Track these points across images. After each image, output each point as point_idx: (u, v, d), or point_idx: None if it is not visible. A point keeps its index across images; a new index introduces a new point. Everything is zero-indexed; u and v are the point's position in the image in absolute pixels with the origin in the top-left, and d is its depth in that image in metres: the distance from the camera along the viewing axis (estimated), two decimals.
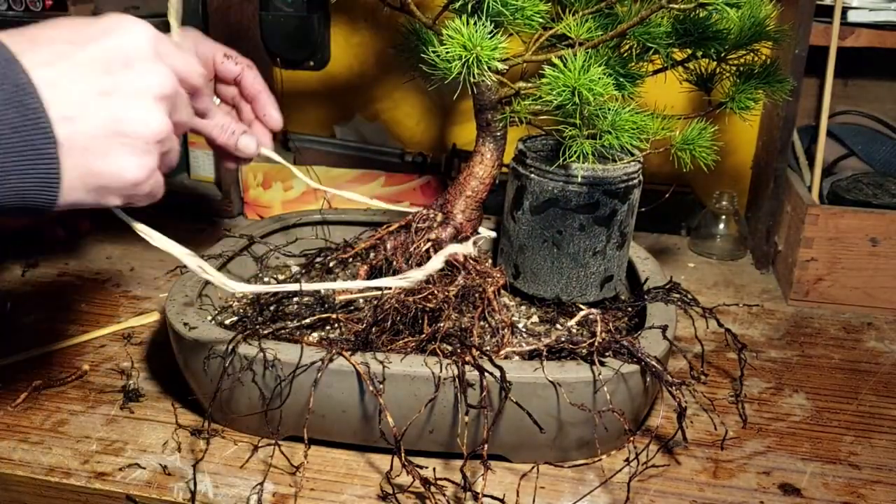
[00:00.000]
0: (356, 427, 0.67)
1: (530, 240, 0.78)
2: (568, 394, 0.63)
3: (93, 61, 0.47)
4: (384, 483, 0.66)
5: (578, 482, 0.67)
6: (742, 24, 0.75)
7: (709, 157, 0.74)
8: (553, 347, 0.67)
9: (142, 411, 0.76)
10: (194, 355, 0.68)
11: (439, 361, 0.64)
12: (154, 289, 0.99)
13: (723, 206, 1.13)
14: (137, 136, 0.49)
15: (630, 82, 0.73)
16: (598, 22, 0.71)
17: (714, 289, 1.05)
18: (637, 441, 0.70)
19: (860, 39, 1.00)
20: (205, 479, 0.66)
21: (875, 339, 0.94)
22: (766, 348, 0.91)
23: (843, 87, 1.16)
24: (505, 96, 0.74)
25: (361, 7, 1.22)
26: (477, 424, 0.64)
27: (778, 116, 1.03)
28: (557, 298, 0.79)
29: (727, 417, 0.77)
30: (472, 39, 0.61)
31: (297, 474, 0.67)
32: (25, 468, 0.68)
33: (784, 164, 1.05)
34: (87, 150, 0.47)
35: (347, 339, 0.70)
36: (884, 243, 0.97)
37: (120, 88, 0.48)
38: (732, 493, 0.67)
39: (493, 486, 0.66)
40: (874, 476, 0.70)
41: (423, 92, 1.26)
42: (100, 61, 0.47)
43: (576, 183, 0.74)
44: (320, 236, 0.96)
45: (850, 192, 1.02)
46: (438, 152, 1.24)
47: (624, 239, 0.78)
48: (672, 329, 0.72)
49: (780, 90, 0.77)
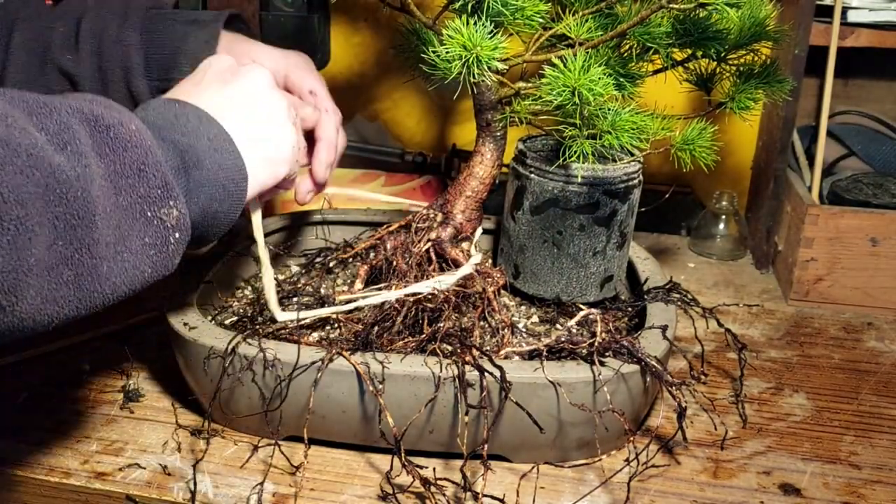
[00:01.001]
0: (356, 427, 0.67)
1: (530, 240, 0.78)
2: (568, 394, 0.63)
3: (237, 96, 0.63)
4: (384, 483, 0.66)
5: (578, 482, 0.67)
6: (742, 25, 0.75)
7: (709, 157, 0.74)
8: (553, 347, 0.67)
9: (142, 411, 0.76)
10: (194, 355, 0.68)
11: (439, 361, 0.64)
12: (154, 289, 0.99)
13: (723, 206, 1.13)
14: (281, 115, 0.66)
15: (630, 82, 0.73)
16: (598, 22, 0.71)
17: (714, 289, 1.05)
18: (637, 441, 0.70)
19: (860, 39, 1.00)
20: (205, 479, 0.66)
21: (875, 339, 0.94)
22: (766, 348, 0.91)
23: (843, 87, 1.16)
24: (505, 96, 0.74)
25: (361, 7, 1.22)
26: (477, 424, 0.64)
27: (778, 116, 1.03)
28: (557, 298, 0.79)
29: (727, 417, 0.77)
30: (472, 39, 0.61)
31: (297, 474, 0.67)
32: (25, 468, 0.68)
33: (784, 164, 1.05)
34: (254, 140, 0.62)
35: (347, 339, 0.70)
36: (884, 243, 0.97)
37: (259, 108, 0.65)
38: (732, 493, 0.67)
39: (493, 486, 0.66)
40: (874, 476, 0.70)
41: (423, 92, 1.26)
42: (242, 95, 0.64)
43: (576, 183, 0.74)
44: (320, 236, 0.96)
45: (850, 192, 1.02)
46: (438, 152, 1.24)
47: (624, 239, 0.78)
48: (672, 329, 0.72)
49: (780, 90, 0.77)
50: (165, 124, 0.56)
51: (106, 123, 0.50)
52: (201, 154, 0.56)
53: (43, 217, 0.44)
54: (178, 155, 0.55)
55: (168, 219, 0.53)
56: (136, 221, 0.51)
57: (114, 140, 0.50)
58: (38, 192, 0.44)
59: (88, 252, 0.48)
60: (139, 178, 0.51)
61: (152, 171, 0.51)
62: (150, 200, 0.52)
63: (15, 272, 0.43)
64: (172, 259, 0.55)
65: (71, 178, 0.46)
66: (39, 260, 0.44)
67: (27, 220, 0.43)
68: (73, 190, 0.46)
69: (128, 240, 0.51)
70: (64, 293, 0.47)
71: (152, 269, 0.53)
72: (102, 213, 0.48)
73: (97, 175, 0.48)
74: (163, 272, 0.54)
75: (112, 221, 0.49)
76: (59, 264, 0.46)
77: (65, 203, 0.46)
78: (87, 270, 0.48)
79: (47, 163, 0.45)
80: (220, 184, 0.57)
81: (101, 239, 0.48)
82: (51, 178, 0.45)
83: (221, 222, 0.59)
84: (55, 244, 0.45)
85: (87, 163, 0.48)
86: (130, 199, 0.51)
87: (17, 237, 0.43)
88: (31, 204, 0.44)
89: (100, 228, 0.48)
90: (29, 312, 0.45)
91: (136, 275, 0.52)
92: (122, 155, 0.50)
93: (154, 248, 0.52)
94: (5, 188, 0.42)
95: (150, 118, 0.56)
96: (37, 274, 0.44)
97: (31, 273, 0.44)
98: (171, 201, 0.53)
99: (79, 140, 0.48)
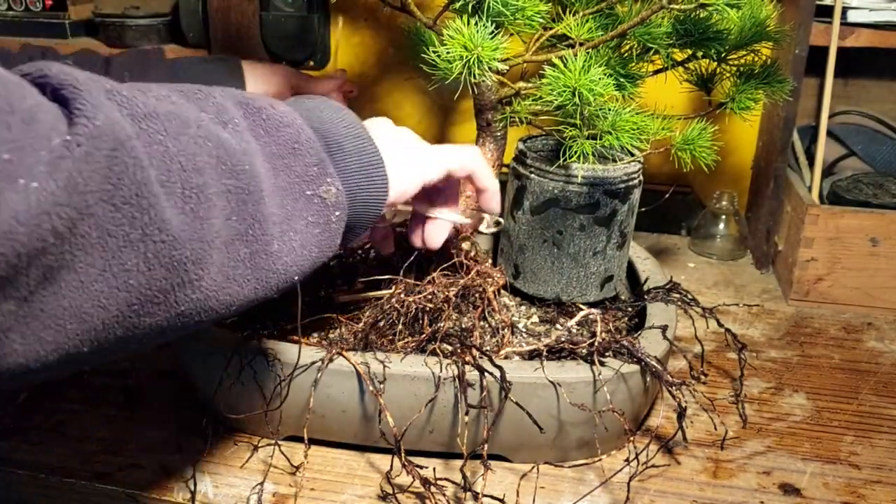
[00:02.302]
0: (356, 427, 0.67)
1: (530, 240, 0.78)
2: (568, 394, 0.63)
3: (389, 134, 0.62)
4: (384, 483, 0.66)
5: (578, 482, 0.67)
6: (742, 25, 0.75)
7: (709, 157, 0.74)
8: (553, 347, 0.67)
9: (142, 411, 0.76)
10: (194, 355, 0.68)
11: (439, 361, 0.64)
12: None
13: (723, 206, 1.13)
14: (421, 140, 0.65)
15: (630, 82, 0.73)
16: (598, 22, 0.71)
17: (714, 289, 1.05)
18: (637, 441, 0.71)
19: (860, 39, 1.00)
20: (205, 479, 0.66)
21: (875, 339, 0.94)
22: (766, 348, 0.91)
23: (843, 87, 1.16)
24: (505, 96, 0.74)
25: (361, 7, 1.22)
26: (477, 424, 0.64)
27: (778, 116, 1.03)
28: (557, 298, 0.79)
29: (727, 417, 0.77)
30: (473, 40, 0.61)
31: (297, 474, 0.67)
32: (25, 468, 0.68)
33: (784, 164, 1.05)
34: None
35: (347, 339, 0.70)
36: (884, 243, 0.97)
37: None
38: (732, 493, 0.67)
39: (493, 486, 0.66)
40: (874, 476, 0.70)
41: (423, 92, 1.26)
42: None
43: (576, 183, 0.74)
44: None
45: (850, 192, 1.02)
46: None
47: (624, 239, 0.78)
48: (672, 329, 0.72)
49: (780, 90, 0.77)
50: (303, 111, 0.55)
51: (256, 105, 0.50)
52: (341, 139, 0.55)
53: (218, 188, 0.44)
54: (321, 138, 0.54)
55: (328, 196, 0.52)
56: (297, 201, 0.50)
57: (266, 121, 0.50)
58: (211, 161, 0.44)
59: (260, 228, 0.47)
60: (294, 157, 0.50)
61: (307, 148, 0.51)
62: (308, 179, 0.51)
63: (200, 241, 0.42)
64: (335, 238, 0.53)
65: (238, 151, 0.46)
66: (219, 233, 0.44)
67: (206, 188, 0.43)
68: (241, 164, 0.46)
69: (292, 219, 0.50)
70: (242, 271, 0.46)
71: (319, 248, 0.52)
72: (268, 191, 0.48)
73: (258, 154, 0.48)
74: (328, 252, 0.53)
75: (276, 200, 0.48)
76: (235, 239, 0.45)
77: (235, 176, 0.45)
78: (261, 248, 0.47)
79: (216, 135, 0.45)
80: (362, 169, 0.56)
81: (269, 216, 0.47)
82: (221, 150, 0.45)
83: (369, 211, 0.57)
84: (230, 218, 0.45)
85: (248, 140, 0.48)
86: (289, 178, 0.50)
87: (198, 206, 0.42)
88: (208, 173, 0.43)
89: (268, 205, 0.47)
90: (213, 289, 0.44)
91: (305, 255, 0.51)
92: (276, 135, 0.50)
93: (318, 227, 0.51)
94: (183, 157, 0.42)
95: (289, 105, 0.56)
96: (217, 248, 0.44)
97: (213, 246, 0.43)
98: (327, 178, 0.52)
99: (236, 120, 0.48)
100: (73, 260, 0.36)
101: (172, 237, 0.40)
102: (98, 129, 0.37)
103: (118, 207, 0.38)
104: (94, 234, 0.37)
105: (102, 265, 0.38)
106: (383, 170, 0.57)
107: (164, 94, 0.45)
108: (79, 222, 0.36)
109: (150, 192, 0.39)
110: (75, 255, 0.36)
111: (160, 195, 0.40)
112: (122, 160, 0.38)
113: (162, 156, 0.41)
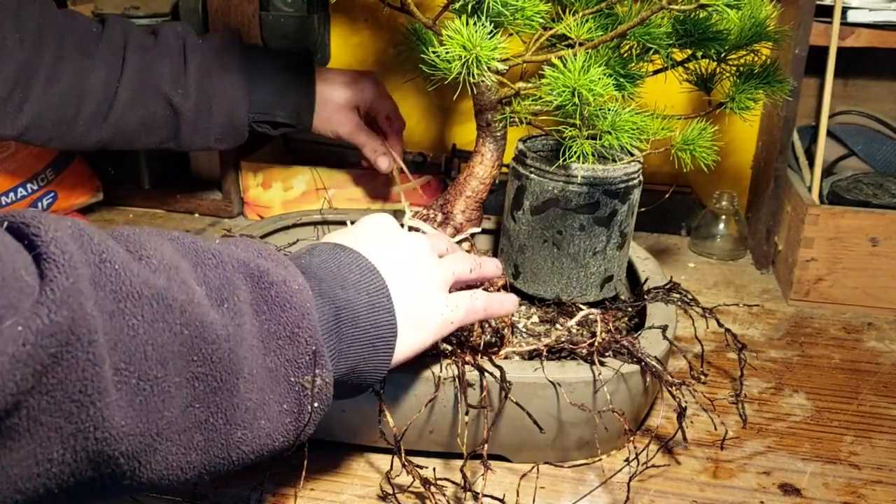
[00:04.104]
0: (356, 427, 0.67)
1: (530, 240, 0.78)
2: (568, 394, 0.63)
3: (399, 255, 0.60)
4: (384, 483, 0.66)
5: (578, 482, 0.67)
6: (742, 25, 0.75)
7: (709, 158, 0.74)
8: (553, 347, 0.67)
9: None
10: None
11: (439, 361, 0.64)
12: None
13: (723, 206, 1.13)
14: (438, 282, 0.61)
15: (630, 83, 0.73)
16: (598, 22, 0.71)
17: (714, 289, 1.05)
18: (637, 441, 0.70)
19: (860, 39, 1.00)
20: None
21: (875, 339, 0.94)
22: (766, 348, 0.91)
23: (843, 87, 1.16)
24: (505, 97, 0.74)
25: (361, 7, 1.22)
26: (477, 424, 0.64)
27: (778, 116, 1.03)
28: (557, 298, 0.79)
29: (727, 417, 0.77)
30: (472, 40, 0.61)
31: (296, 474, 0.67)
32: None
33: (784, 164, 1.05)
34: None
35: None
36: (884, 243, 0.97)
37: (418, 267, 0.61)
38: (732, 493, 0.67)
39: (493, 486, 0.66)
40: (874, 476, 0.70)
41: (423, 92, 1.25)
42: (404, 256, 0.60)
43: (576, 183, 0.74)
44: (321, 236, 0.96)
45: (850, 192, 1.02)
46: (438, 152, 1.24)
47: (624, 239, 0.78)
48: (672, 329, 0.72)
49: (780, 90, 0.77)
50: (327, 276, 0.54)
51: (270, 280, 0.49)
52: (358, 310, 0.53)
53: (182, 377, 0.42)
54: (334, 313, 0.52)
55: (310, 386, 0.49)
56: (277, 385, 0.48)
57: (274, 298, 0.48)
58: (182, 350, 0.42)
59: (224, 417, 0.45)
60: (290, 341, 0.48)
61: (305, 335, 0.49)
62: (296, 366, 0.49)
63: (142, 436, 0.40)
64: (306, 430, 0.50)
65: (221, 337, 0.44)
66: (171, 423, 0.42)
67: (164, 380, 0.41)
68: (220, 350, 0.44)
69: (267, 405, 0.47)
70: (191, 459, 0.44)
71: (284, 438, 0.49)
72: (247, 376, 0.46)
73: (249, 334, 0.46)
74: (291, 443, 0.50)
75: (255, 384, 0.46)
76: (192, 428, 0.43)
77: (209, 364, 0.43)
78: (219, 436, 0.45)
79: (199, 321, 0.43)
80: (371, 343, 0.54)
81: (240, 404, 0.45)
82: (199, 338, 0.43)
83: (365, 382, 0.56)
84: (191, 406, 0.43)
85: (242, 321, 0.46)
86: (278, 361, 0.48)
87: (150, 398, 0.40)
88: (173, 363, 0.41)
89: (241, 392, 0.45)
90: (150, 478, 0.42)
91: (267, 443, 0.48)
92: (279, 315, 0.48)
93: (290, 416, 0.49)
94: (151, 346, 0.40)
95: (314, 267, 0.54)
96: (166, 438, 0.42)
97: (161, 437, 0.41)
98: (317, 369, 0.50)
99: (238, 297, 0.46)
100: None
101: (109, 434, 0.38)
102: (52, 327, 0.35)
103: (57, 402, 0.36)
104: (25, 423, 0.36)
105: (26, 453, 0.36)
106: (393, 343, 0.55)
107: (167, 263, 0.43)
108: (12, 412, 0.35)
109: (96, 389, 0.37)
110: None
111: (109, 389, 0.38)
112: (74, 355, 0.36)
113: (128, 343, 0.39)
